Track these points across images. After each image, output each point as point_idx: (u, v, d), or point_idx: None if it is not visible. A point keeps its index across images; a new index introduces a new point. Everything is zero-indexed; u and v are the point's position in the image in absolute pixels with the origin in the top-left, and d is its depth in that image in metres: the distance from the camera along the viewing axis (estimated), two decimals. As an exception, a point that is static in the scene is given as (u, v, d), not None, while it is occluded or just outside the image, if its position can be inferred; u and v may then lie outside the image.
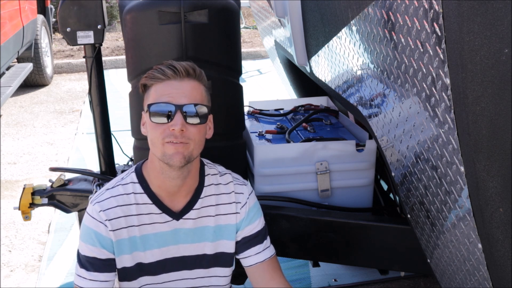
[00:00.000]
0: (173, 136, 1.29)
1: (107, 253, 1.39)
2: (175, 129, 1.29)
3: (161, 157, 1.32)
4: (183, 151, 1.30)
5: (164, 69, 1.33)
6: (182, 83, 1.33)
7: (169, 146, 1.30)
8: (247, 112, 2.37)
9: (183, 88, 1.33)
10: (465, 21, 0.92)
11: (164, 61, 1.38)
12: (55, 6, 7.37)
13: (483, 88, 0.96)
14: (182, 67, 1.33)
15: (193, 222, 1.44)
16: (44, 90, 6.06)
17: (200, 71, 1.37)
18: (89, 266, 1.38)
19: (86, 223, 1.39)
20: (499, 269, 1.15)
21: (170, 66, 1.33)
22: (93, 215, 1.38)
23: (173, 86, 1.32)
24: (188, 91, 1.33)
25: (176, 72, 1.32)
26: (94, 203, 1.39)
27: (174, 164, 1.31)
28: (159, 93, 1.32)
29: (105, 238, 1.38)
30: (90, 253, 1.38)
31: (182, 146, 1.30)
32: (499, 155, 1.01)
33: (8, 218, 3.10)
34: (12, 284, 2.49)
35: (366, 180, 1.96)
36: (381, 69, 1.31)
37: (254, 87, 5.93)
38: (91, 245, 1.38)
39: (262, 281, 1.51)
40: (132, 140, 1.91)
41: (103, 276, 1.39)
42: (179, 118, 1.29)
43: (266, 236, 1.54)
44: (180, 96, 1.31)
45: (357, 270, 2.50)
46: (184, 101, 1.31)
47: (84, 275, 1.38)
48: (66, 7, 1.91)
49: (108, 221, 1.37)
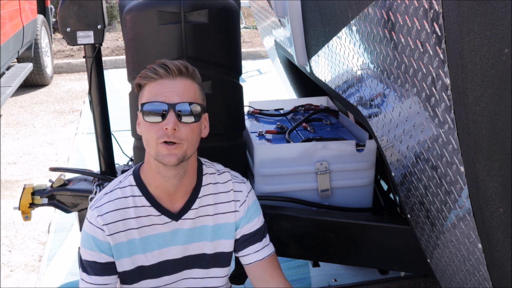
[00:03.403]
0: (166, 135, 1.29)
1: (106, 257, 1.40)
2: (168, 128, 1.28)
3: (155, 156, 1.32)
4: (177, 152, 1.30)
5: (156, 68, 1.33)
6: (175, 81, 1.33)
7: (162, 146, 1.30)
8: (247, 112, 2.37)
9: (176, 86, 1.32)
10: (465, 21, 0.92)
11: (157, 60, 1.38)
12: (55, 6, 7.37)
13: (483, 88, 0.96)
14: (174, 66, 1.33)
15: (191, 222, 1.44)
16: (44, 90, 6.05)
17: (193, 69, 1.37)
18: (89, 270, 1.40)
19: (85, 229, 1.41)
20: (499, 269, 1.15)
21: (163, 65, 1.33)
22: (91, 220, 1.39)
23: (165, 85, 1.32)
24: (181, 90, 1.33)
25: (169, 71, 1.32)
26: (93, 209, 1.40)
27: (168, 163, 1.31)
28: (152, 93, 1.32)
29: (103, 243, 1.39)
30: (90, 258, 1.40)
31: (175, 147, 1.30)
32: (499, 155, 1.01)
33: (8, 218, 3.10)
34: (12, 284, 2.49)
35: (366, 180, 1.96)
36: (381, 69, 1.31)
37: (254, 87, 5.93)
38: (90, 250, 1.40)
39: (261, 279, 1.51)
40: (132, 140, 1.91)
41: (102, 279, 1.40)
42: (171, 117, 1.29)
43: (265, 234, 1.54)
44: (173, 94, 1.31)
45: (357, 270, 2.50)
46: (177, 99, 1.31)
47: (85, 278, 1.41)
48: (66, 7, 1.91)
49: (105, 226, 1.38)
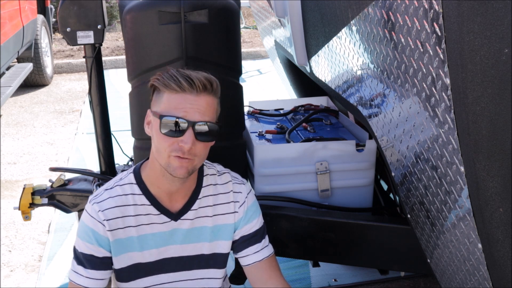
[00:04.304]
0: (181, 151, 1.28)
1: (104, 252, 1.39)
2: (184, 146, 1.27)
3: (165, 166, 1.32)
4: (187, 166, 1.31)
5: (181, 81, 1.28)
6: (198, 98, 1.29)
7: (175, 159, 1.29)
8: (247, 112, 2.37)
9: (198, 104, 1.29)
10: (465, 21, 0.92)
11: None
12: (55, 6, 7.37)
13: (483, 88, 0.96)
14: (199, 82, 1.28)
15: (190, 222, 1.44)
16: (44, 90, 6.05)
17: (216, 85, 1.33)
18: (86, 264, 1.39)
19: (85, 221, 1.39)
20: (499, 269, 1.15)
21: (188, 78, 1.28)
22: (92, 214, 1.38)
23: (188, 101, 1.28)
24: (203, 107, 1.30)
25: (193, 86, 1.28)
26: (93, 203, 1.39)
27: (178, 176, 1.31)
28: (173, 105, 1.29)
29: (103, 237, 1.38)
30: (88, 251, 1.39)
31: (187, 162, 1.30)
32: (499, 155, 1.01)
33: (8, 218, 3.10)
34: (12, 284, 2.49)
35: (366, 180, 1.96)
36: (381, 69, 1.31)
37: (254, 87, 5.93)
38: (88, 242, 1.38)
39: (260, 280, 1.51)
40: (132, 140, 1.91)
41: (99, 274, 1.39)
42: (190, 136, 1.27)
43: (264, 235, 1.54)
44: (194, 112, 1.28)
45: (357, 270, 2.50)
46: (198, 118, 1.28)
47: (81, 272, 1.39)
48: (66, 7, 1.92)
49: (106, 221, 1.37)
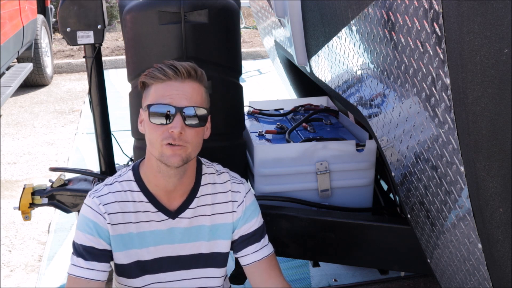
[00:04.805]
0: (172, 138, 1.29)
1: (104, 244, 1.40)
2: (174, 131, 1.29)
3: (159, 157, 1.32)
4: (181, 153, 1.31)
5: (165, 69, 1.32)
6: (183, 84, 1.32)
7: (167, 148, 1.30)
8: (247, 112, 2.37)
9: (184, 89, 1.32)
10: (465, 21, 0.92)
11: (164, 60, 1.37)
12: (55, 6, 7.37)
13: (483, 88, 0.96)
14: (183, 68, 1.32)
15: (188, 221, 1.44)
16: (44, 90, 6.05)
17: (201, 72, 1.37)
18: (86, 255, 1.38)
19: (85, 214, 1.40)
20: (499, 269, 1.15)
21: (172, 66, 1.32)
22: (93, 207, 1.39)
23: (173, 87, 1.32)
24: (189, 93, 1.32)
25: (178, 73, 1.31)
26: (93, 197, 1.40)
27: (172, 165, 1.32)
28: (160, 94, 1.32)
29: (103, 229, 1.39)
30: (88, 243, 1.38)
31: (180, 149, 1.31)
32: (499, 155, 1.01)
33: (8, 218, 3.10)
34: (12, 284, 2.49)
35: (366, 180, 1.96)
36: (381, 69, 1.31)
37: (254, 87, 5.93)
38: (89, 234, 1.38)
39: (260, 279, 1.51)
40: (132, 140, 1.91)
41: (100, 265, 1.39)
42: (178, 121, 1.29)
43: (263, 235, 1.54)
44: (180, 98, 1.31)
45: (357, 270, 2.50)
46: (185, 103, 1.31)
47: (81, 264, 1.39)
48: (66, 7, 1.92)
49: (107, 215, 1.38)
